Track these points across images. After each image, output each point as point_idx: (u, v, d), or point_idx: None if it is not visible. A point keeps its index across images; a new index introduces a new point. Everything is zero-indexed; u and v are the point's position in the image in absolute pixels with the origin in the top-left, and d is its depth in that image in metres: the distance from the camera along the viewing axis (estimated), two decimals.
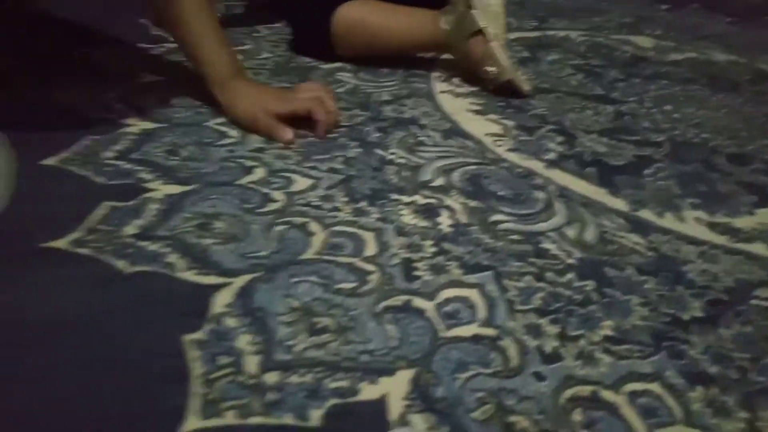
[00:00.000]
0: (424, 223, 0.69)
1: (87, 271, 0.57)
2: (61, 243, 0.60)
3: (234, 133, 0.84)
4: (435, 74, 1.11)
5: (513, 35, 1.35)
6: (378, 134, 0.88)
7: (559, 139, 0.92)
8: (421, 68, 1.12)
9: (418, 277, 0.61)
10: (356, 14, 1.06)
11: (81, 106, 0.86)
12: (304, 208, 0.70)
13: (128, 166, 0.74)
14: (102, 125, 0.81)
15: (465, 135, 0.90)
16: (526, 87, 1.06)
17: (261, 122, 0.83)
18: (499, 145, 0.88)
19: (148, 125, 0.83)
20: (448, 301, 0.58)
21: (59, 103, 0.86)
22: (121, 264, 0.58)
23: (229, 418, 0.45)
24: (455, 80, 1.09)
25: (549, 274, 0.64)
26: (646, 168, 0.87)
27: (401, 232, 0.67)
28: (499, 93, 1.05)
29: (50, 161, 0.73)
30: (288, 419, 0.45)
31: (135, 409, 0.45)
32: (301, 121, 0.84)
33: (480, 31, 1.03)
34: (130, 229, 0.63)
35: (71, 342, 0.50)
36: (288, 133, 0.82)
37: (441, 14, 1.06)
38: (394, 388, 0.49)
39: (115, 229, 0.63)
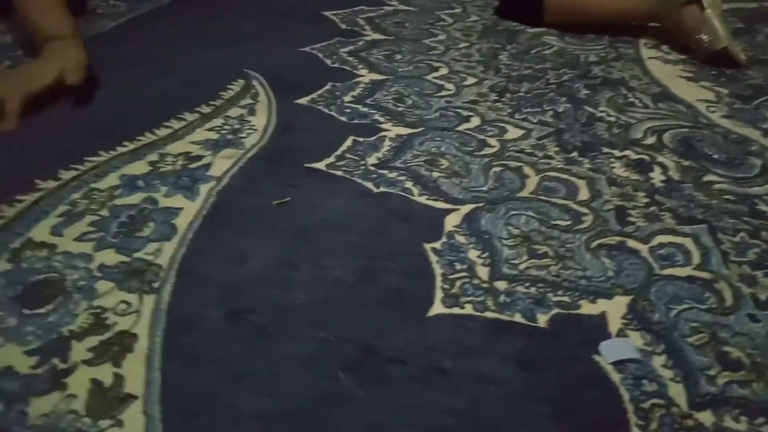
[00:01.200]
0: (636, 176, 0.72)
1: (343, 186, 0.69)
2: (320, 165, 0.73)
3: (450, 86, 0.92)
4: (642, 41, 1.11)
5: (727, 6, 1.28)
6: (587, 92, 0.91)
7: None
8: (627, 35, 1.12)
9: (632, 223, 0.65)
10: None
11: (323, 57, 0.99)
12: (518, 154, 0.77)
13: (364, 109, 0.85)
14: (340, 74, 0.94)
15: (676, 99, 0.90)
16: (741, 56, 1.02)
17: None
18: (713, 111, 0.87)
19: (376, 76, 0.94)
20: (662, 245, 0.62)
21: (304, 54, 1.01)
22: (368, 184, 0.70)
23: (468, 309, 0.54)
24: (664, 47, 1.08)
25: (764, 233, 0.64)
26: None
27: (613, 182, 0.71)
28: (710, 62, 1.02)
29: (302, 101, 0.87)
30: (519, 318, 0.53)
31: (391, 296, 0.56)
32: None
33: (693, 0, 1.01)
34: (371, 159, 0.74)
35: (342, 236, 0.62)
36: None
37: None
38: (612, 309, 0.54)
39: (359, 158, 0.75)
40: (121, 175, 0.69)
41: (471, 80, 0.94)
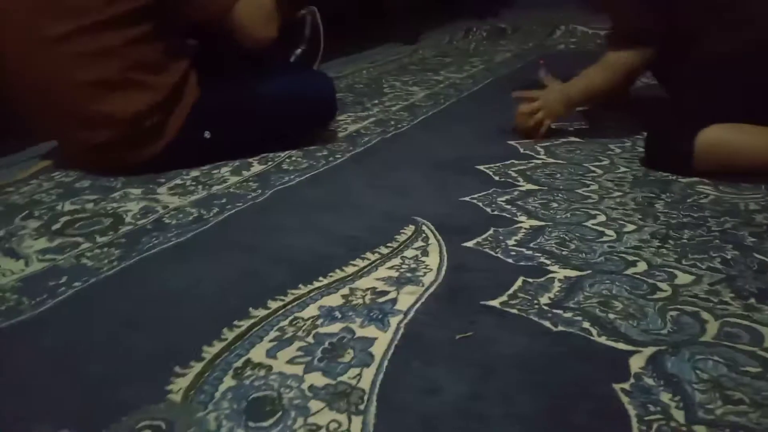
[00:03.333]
0: None
1: (520, 324, 0.73)
2: (495, 303, 0.78)
3: (610, 232, 0.96)
4: None
5: None
6: (753, 239, 0.91)
7: None
8: None
9: None
10: (719, 135, 1.13)
11: (483, 206, 1.09)
12: (692, 299, 0.77)
13: (529, 252, 0.91)
14: (501, 221, 1.02)
15: None
16: None
17: None
18: None
19: (535, 222, 1.01)
20: None
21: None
22: (546, 323, 0.73)
23: None
24: None
25: None
26: None
27: None
28: None
29: (469, 244, 0.95)
30: None
31: (589, 430, 0.57)
32: None
33: None
34: (544, 299, 0.79)
35: (527, 373, 0.65)
36: None
37: None
38: None
39: (531, 297, 0.79)
40: (319, 306, 0.79)
41: (630, 227, 0.97)
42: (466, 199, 1.11)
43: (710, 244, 0.91)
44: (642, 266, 0.86)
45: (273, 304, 0.79)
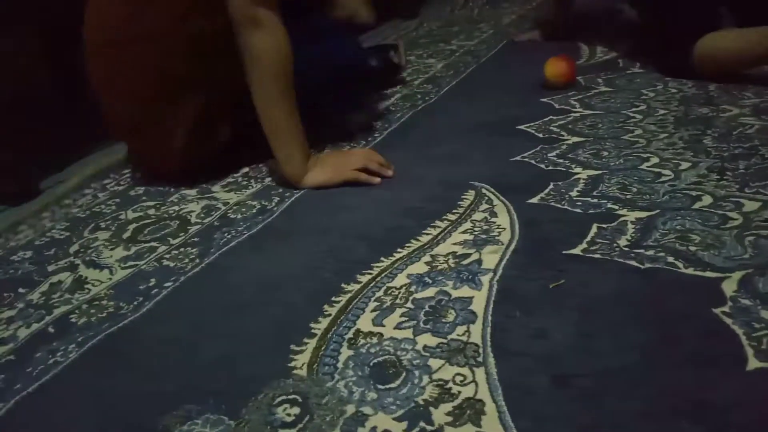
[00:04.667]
0: None
1: (608, 267, 0.76)
2: (576, 251, 0.81)
3: (667, 172, 0.99)
4: None
5: None
6: None
7: None
8: None
9: None
10: (712, 42, 1.34)
11: (536, 163, 1.11)
12: (764, 223, 0.80)
13: (594, 200, 0.94)
14: (557, 175, 1.04)
15: None
16: None
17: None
18: None
19: (592, 172, 1.03)
20: None
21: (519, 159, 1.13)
22: (632, 263, 0.76)
23: None
24: None
25: None
26: None
27: None
28: None
29: (534, 200, 0.97)
30: None
31: (700, 357, 0.60)
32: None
33: None
34: (622, 242, 0.82)
35: (629, 307, 0.69)
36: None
37: None
38: None
39: (609, 242, 0.82)
40: (407, 274, 0.82)
41: (685, 164, 1.00)
42: (517, 158, 1.14)
43: None
44: (707, 199, 0.88)
45: (362, 278, 0.82)
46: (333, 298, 0.79)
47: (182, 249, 0.99)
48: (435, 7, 3.08)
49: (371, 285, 0.81)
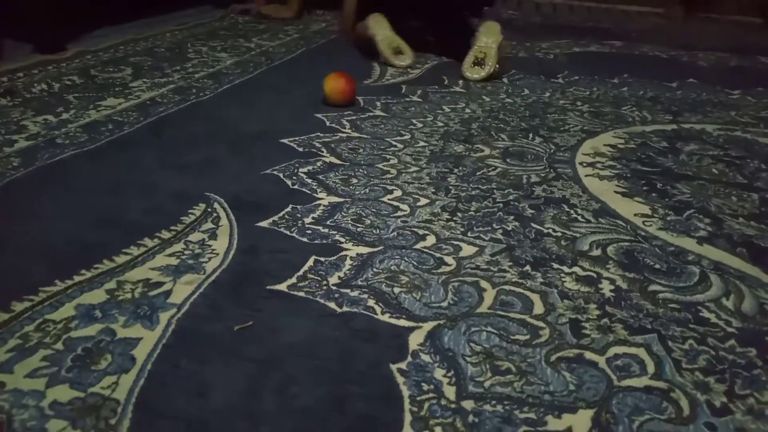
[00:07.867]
0: (586, 288, 0.76)
1: (306, 307, 0.70)
2: (282, 286, 0.74)
3: (405, 206, 0.96)
4: (578, 160, 1.20)
5: (650, 128, 1.42)
6: (532, 211, 0.97)
7: (707, 220, 0.96)
8: (564, 155, 1.22)
9: (586, 335, 0.67)
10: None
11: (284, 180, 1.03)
12: (474, 270, 0.79)
13: (324, 230, 0.88)
14: (300, 197, 0.97)
15: (614, 215, 0.97)
16: None
17: None
18: (649, 225, 0.94)
19: (334, 199, 0.98)
20: (617, 356, 0.64)
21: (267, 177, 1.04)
22: (332, 304, 0.70)
23: None
24: (598, 165, 1.17)
25: (711, 340, 0.68)
26: None
27: (565, 295, 0.75)
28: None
29: (263, 224, 0.89)
30: None
31: (361, 424, 0.55)
32: None
33: None
34: (333, 279, 0.76)
35: (307, 360, 0.62)
36: None
37: None
38: (577, 423, 0.55)
39: (320, 278, 0.76)
40: (77, 304, 0.68)
41: (424, 201, 0.99)
42: (268, 171, 1.05)
43: (494, 217, 0.95)
44: (431, 240, 0.87)
45: (18, 306, 0.67)
46: None
47: None
48: None
49: (24, 316, 0.66)
